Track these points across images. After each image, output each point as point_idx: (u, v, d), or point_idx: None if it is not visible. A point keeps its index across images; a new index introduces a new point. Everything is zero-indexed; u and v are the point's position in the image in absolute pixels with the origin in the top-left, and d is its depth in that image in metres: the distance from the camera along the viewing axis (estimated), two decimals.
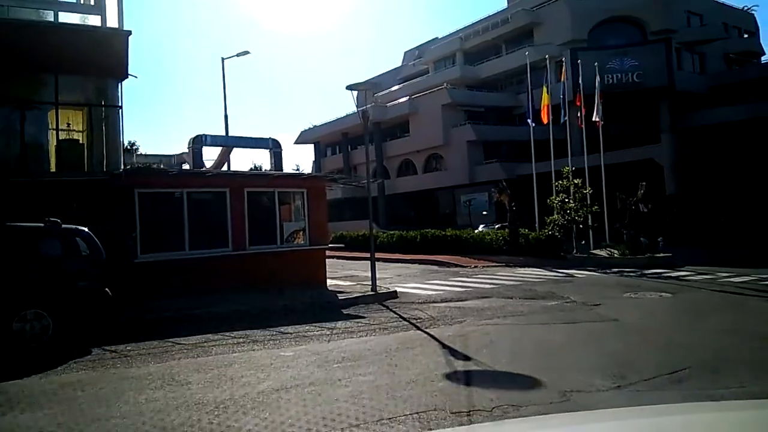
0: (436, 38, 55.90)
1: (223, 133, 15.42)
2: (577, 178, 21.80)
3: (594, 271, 17.93)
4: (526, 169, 35.92)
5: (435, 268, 20.38)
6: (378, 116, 48.64)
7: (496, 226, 27.89)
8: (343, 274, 18.94)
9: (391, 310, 9.98)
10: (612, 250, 20.88)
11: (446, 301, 11.59)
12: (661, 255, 19.96)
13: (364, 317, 8.90)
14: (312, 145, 60.09)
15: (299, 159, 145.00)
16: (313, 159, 59.90)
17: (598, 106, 24.34)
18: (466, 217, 41.93)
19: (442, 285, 14.78)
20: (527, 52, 27.94)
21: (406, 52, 61.55)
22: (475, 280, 15.86)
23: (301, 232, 12.87)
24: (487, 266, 20.10)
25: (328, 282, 14.36)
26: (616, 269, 18.20)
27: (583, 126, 23.83)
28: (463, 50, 49.57)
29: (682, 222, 31.72)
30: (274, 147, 13.47)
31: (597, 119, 24.26)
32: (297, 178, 12.42)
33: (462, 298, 12.12)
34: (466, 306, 10.63)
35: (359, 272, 19.39)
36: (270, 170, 13.00)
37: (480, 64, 47.95)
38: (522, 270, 18.60)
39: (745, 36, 45.03)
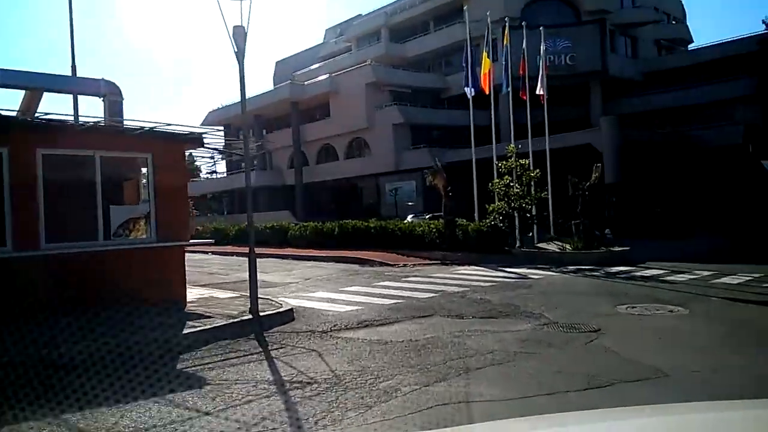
0: (360, 15, 51.70)
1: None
2: (522, 159, 18.37)
3: (548, 269, 14.54)
4: (458, 155, 32.85)
5: (356, 267, 16.27)
6: (295, 95, 43.85)
7: (427, 216, 24.16)
8: (234, 279, 14.41)
9: (268, 355, 5.76)
10: (563, 244, 17.63)
11: (366, 326, 7.52)
12: (619, 249, 16.93)
13: (205, 383, 4.60)
14: (222, 130, 54.09)
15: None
16: (223, 145, 54.03)
17: (543, 78, 21.14)
18: (392, 207, 38.17)
19: (363, 294, 10.71)
20: (467, 16, 24.15)
21: (327, 30, 56.96)
22: (406, 284, 11.91)
23: (142, 222, 8.28)
24: (420, 264, 16.26)
25: (196, 293, 9.86)
26: (572, 267, 14.91)
27: (527, 97, 20.50)
28: (388, 26, 45.60)
29: (621, 212, 29.66)
30: (110, 93, 8.73)
31: (541, 92, 21.05)
32: (135, 134, 7.81)
33: (390, 318, 8.09)
34: (398, 339, 6.58)
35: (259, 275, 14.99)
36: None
37: (407, 42, 44.20)
38: (462, 269, 14.90)
39: (673, 22, 44.12)
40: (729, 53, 35.47)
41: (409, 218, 25.14)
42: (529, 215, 17.62)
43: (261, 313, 7.74)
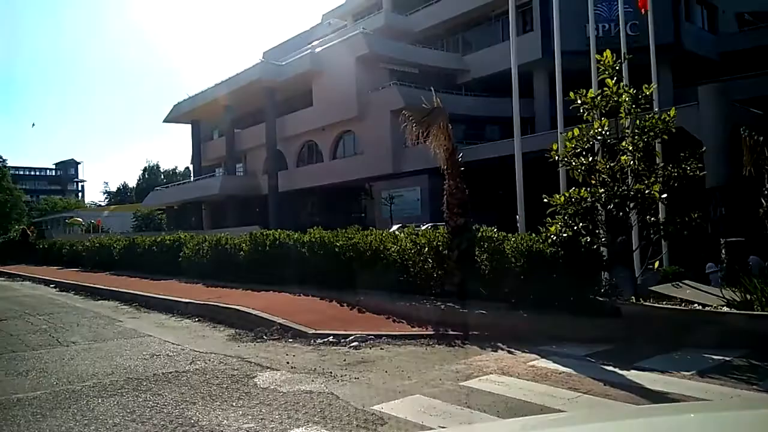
0: None
1: None
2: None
3: (732, 377, 4.36)
4: (477, 153, 23.35)
5: (217, 337, 6.23)
6: (268, 77, 34.34)
7: (425, 226, 13.69)
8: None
9: None
10: (721, 293, 7.17)
11: None
12: None
13: None
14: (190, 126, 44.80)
15: (181, 145, 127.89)
16: (191, 144, 44.63)
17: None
18: (388, 222, 28.16)
19: None
20: None
21: (324, 15, 47.83)
22: None
23: None
24: (383, 341, 6.15)
25: None
26: None
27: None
28: None
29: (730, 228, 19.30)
30: None
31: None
32: None
33: None
34: None
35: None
36: None
37: (414, 13, 34.66)
38: (491, 372, 4.76)
39: None
40: None
41: (394, 228, 14.91)
42: (652, 219, 7.33)
43: None
